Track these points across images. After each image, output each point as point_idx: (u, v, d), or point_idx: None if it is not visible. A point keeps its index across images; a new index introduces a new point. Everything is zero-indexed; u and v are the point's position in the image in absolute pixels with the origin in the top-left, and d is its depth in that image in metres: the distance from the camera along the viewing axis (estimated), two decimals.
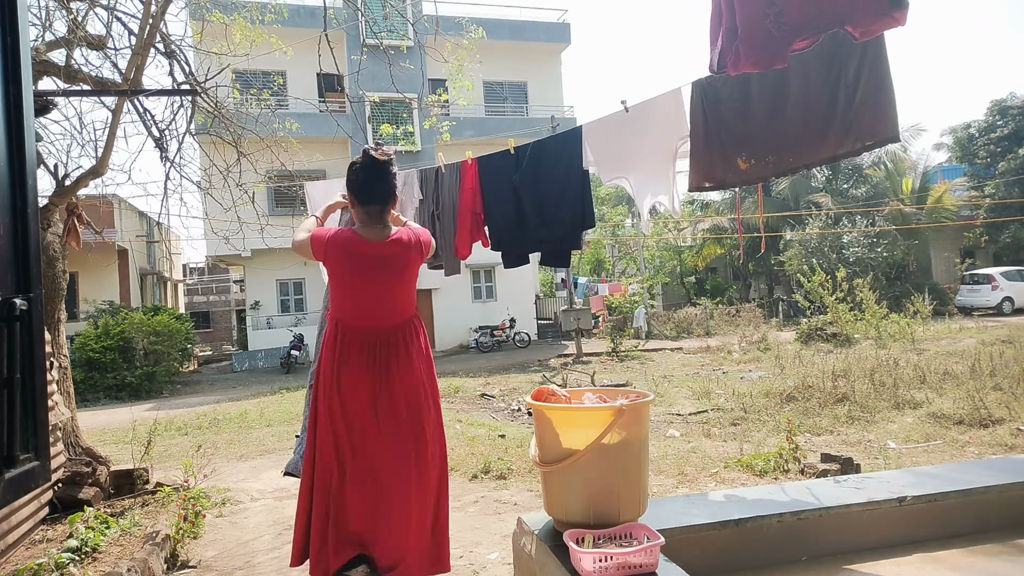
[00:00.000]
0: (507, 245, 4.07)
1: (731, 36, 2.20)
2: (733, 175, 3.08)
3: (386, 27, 8.27)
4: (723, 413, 7.52)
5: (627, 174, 3.65)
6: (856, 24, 2.07)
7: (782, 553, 2.03)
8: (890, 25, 2.07)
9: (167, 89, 5.21)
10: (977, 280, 21.48)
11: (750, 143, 3.00)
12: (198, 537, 3.88)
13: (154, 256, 23.63)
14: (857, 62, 2.67)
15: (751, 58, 2.17)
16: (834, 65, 2.72)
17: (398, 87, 5.54)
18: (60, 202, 4.86)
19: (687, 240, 30.33)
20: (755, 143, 2.99)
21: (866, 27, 2.08)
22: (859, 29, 2.08)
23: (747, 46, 2.15)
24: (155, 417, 9.26)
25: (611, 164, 3.68)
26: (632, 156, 3.60)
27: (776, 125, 2.90)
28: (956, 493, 2.18)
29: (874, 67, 2.64)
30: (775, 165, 2.96)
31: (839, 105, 2.72)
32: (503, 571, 3.19)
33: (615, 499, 1.93)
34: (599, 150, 3.70)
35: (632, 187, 3.67)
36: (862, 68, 2.66)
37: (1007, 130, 25.80)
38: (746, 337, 15.61)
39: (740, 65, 2.20)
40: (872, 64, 2.64)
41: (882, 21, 2.05)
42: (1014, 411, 6.22)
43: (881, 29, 2.17)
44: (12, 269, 1.18)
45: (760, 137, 2.96)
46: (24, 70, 1.22)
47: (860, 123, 2.69)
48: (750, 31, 2.16)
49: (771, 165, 2.97)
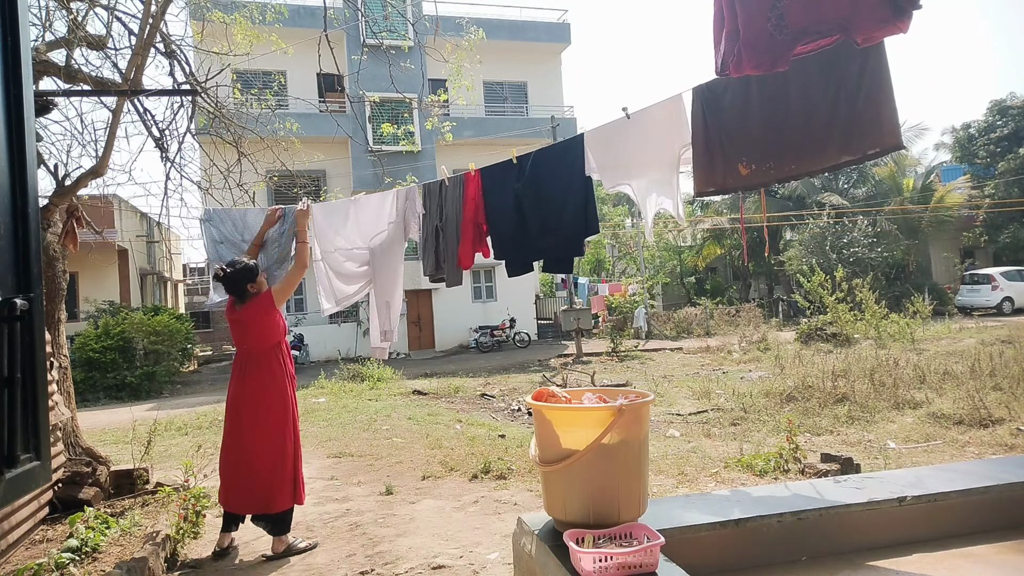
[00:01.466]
0: (510, 254, 4.06)
1: (733, 38, 2.20)
2: (735, 180, 3.08)
3: (386, 27, 8.28)
4: (723, 413, 7.52)
5: (630, 180, 3.65)
6: (858, 30, 2.06)
7: (782, 553, 2.03)
8: (892, 32, 2.07)
9: (167, 89, 5.21)
10: (977, 280, 21.49)
11: (751, 149, 2.99)
12: (198, 537, 3.88)
13: (154, 256, 23.62)
14: (858, 69, 2.66)
15: (753, 60, 2.17)
16: (834, 72, 2.70)
17: (398, 87, 5.54)
18: (60, 202, 4.86)
19: (687, 240, 30.32)
20: (756, 149, 2.98)
21: (868, 33, 2.08)
22: (861, 35, 2.08)
23: (749, 48, 2.15)
24: (155, 417, 9.25)
25: (614, 171, 3.68)
26: (634, 163, 3.60)
27: (776, 132, 2.89)
28: (956, 493, 2.18)
29: (875, 75, 2.63)
30: (776, 171, 2.95)
31: (840, 113, 2.71)
32: (503, 571, 3.19)
33: (615, 499, 1.93)
34: (601, 157, 3.69)
35: (635, 194, 3.66)
36: (863, 76, 2.65)
37: (1007, 130, 25.83)
38: (746, 337, 15.62)
39: (742, 67, 2.20)
40: (873, 72, 2.63)
41: (884, 28, 2.05)
42: (1014, 411, 6.22)
43: (883, 36, 2.17)
44: (12, 269, 1.18)
45: (761, 143, 2.96)
46: (24, 70, 1.22)
47: (861, 131, 2.68)
48: (752, 34, 2.16)
49: (772, 172, 2.96)
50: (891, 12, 2.00)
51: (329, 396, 10.92)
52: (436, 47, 6.00)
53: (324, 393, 11.36)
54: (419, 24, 10.86)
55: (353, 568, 3.41)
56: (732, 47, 2.21)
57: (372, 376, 12.77)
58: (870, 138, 2.67)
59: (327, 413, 9.06)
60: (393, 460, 5.88)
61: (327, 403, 10.12)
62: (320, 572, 3.39)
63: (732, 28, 2.21)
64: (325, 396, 10.97)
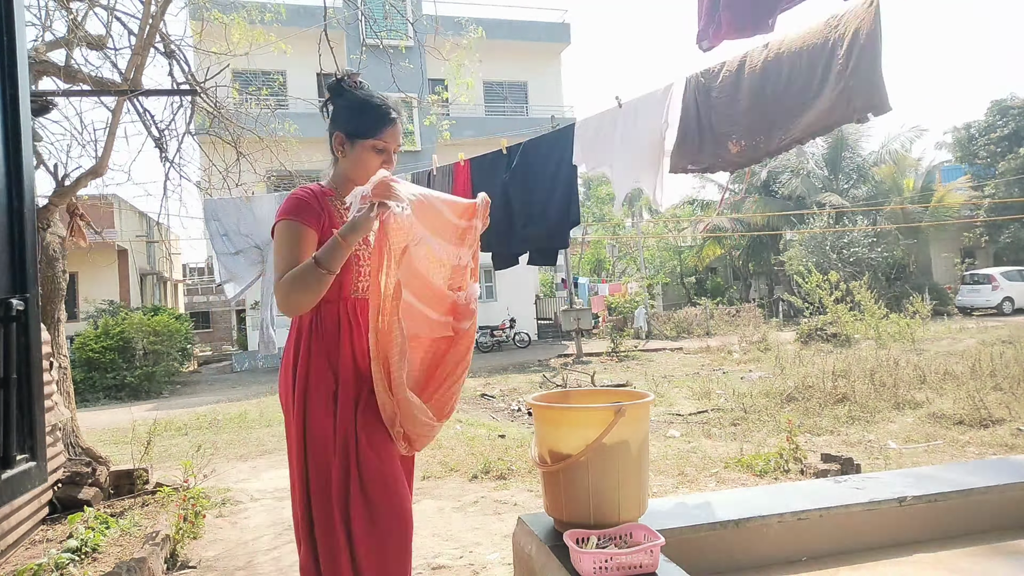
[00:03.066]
0: (496, 246, 4.05)
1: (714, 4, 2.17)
2: (725, 158, 3.06)
3: (386, 27, 8.25)
4: (723, 413, 7.51)
5: (611, 161, 3.63)
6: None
7: (782, 553, 2.03)
8: None
9: (167, 89, 5.21)
10: (977, 280, 21.47)
11: (741, 126, 2.97)
12: (198, 537, 3.88)
13: (154, 256, 23.61)
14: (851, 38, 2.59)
15: (734, 24, 2.14)
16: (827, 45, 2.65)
17: (398, 86, 5.53)
18: (60, 202, 4.86)
19: (687, 240, 30.32)
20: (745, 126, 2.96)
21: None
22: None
23: (730, 12, 2.12)
24: (155, 417, 9.26)
25: (594, 152, 3.66)
26: (616, 144, 3.59)
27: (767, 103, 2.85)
28: (956, 493, 2.18)
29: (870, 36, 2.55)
30: (766, 143, 2.93)
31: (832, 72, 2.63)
32: (503, 571, 3.18)
33: (615, 499, 1.92)
34: (585, 141, 3.69)
35: (612, 174, 3.64)
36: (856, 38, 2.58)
37: (1007, 130, 25.82)
38: (746, 337, 15.61)
39: (723, 33, 2.16)
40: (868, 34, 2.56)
41: None
42: (1014, 411, 6.22)
43: None
44: (8, 269, 1.18)
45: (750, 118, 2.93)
46: (21, 69, 1.21)
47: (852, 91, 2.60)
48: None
49: (762, 145, 2.94)
50: None
51: None
52: (436, 46, 6.00)
53: None
54: (419, 23, 10.86)
55: None
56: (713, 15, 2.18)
57: None
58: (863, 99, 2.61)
59: None
60: None
61: None
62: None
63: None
64: None
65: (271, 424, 8.48)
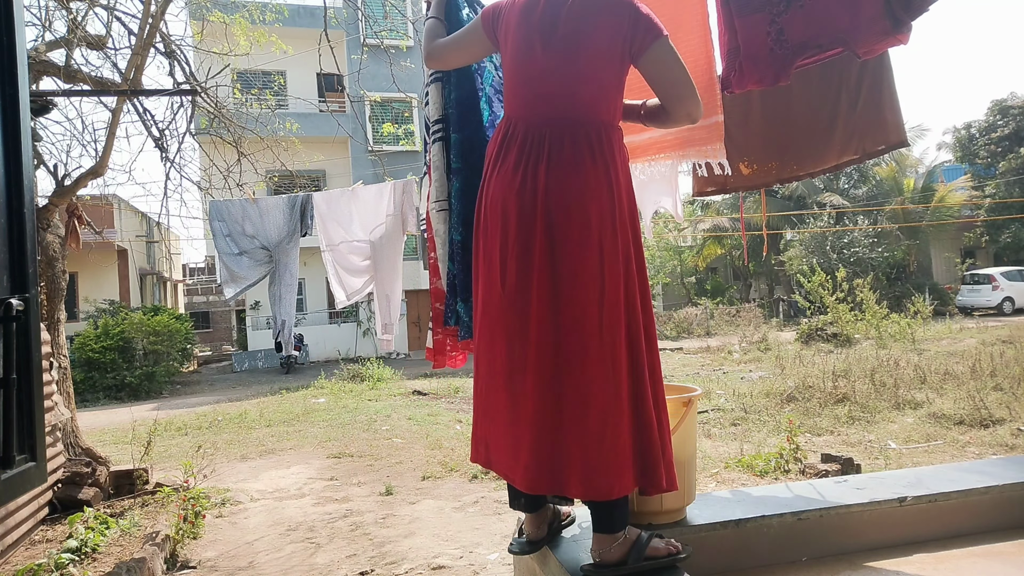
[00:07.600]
0: None
1: (734, 54, 2.22)
2: (736, 179, 3.07)
3: (386, 26, 8.27)
4: (723, 413, 7.51)
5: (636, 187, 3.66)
6: (858, 44, 2.07)
7: (782, 553, 2.03)
8: (892, 44, 2.07)
9: (167, 89, 5.21)
10: (978, 280, 21.45)
11: (752, 149, 2.99)
12: (198, 537, 3.88)
13: (154, 256, 23.63)
14: (859, 69, 2.66)
15: (755, 75, 2.19)
16: (835, 72, 2.71)
17: (399, 86, 5.54)
18: (60, 202, 4.87)
19: (687, 240, 30.30)
20: (757, 149, 2.98)
21: (869, 47, 2.09)
22: (861, 48, 2.08)
23: (750, 63, 2.17)
24: (155, 417, 9.26)
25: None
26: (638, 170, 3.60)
27: (778, 132, 2.89)
28: (956, 493, 2.18)
29: (876, 73, 2.63)
30: (778, 172, 2.96)
31: (842, 112, 2.71)
32: (503, 571, 3.19)
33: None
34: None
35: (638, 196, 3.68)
36: (864, 75, 2.65)
37: (1007, 130, 25.79)
38: (746, 337, 15.60)
39: (744, 82, 2.22)
40: (874, 71, 2.63)
41: (884, 41, 2.05)
42: (1014, 411, 6.21)
43: (883, 48, 2.16)
44: (8, 269, 1.18)
45: (762, 143, 2.95)
46: (20, 69, 1.21)
47: (864, 129, 2.68)
48: (753, 48, 2.18)
49: (774, 171, 2.96)
50: (891, 25, 1.99)
51: (329, 396, 10.93)
52: None
53: (324, 393, 11.36)
54: (419, 23, 10.87)
55: (354, 568, 3.40)
56: (734, 62, 2.22)
57: (372, 376, 12.77)
58: (873, 136, 2.67)
59: (327, 413, 9.06)
60: (393, 460, 5.88)
61: (327, 403, 10.12)
62: (321, 572, 3.38)
63: (733, 45, 2.22)
64: (325, 396, 10.97)
65: (271, 424, 8.49)
